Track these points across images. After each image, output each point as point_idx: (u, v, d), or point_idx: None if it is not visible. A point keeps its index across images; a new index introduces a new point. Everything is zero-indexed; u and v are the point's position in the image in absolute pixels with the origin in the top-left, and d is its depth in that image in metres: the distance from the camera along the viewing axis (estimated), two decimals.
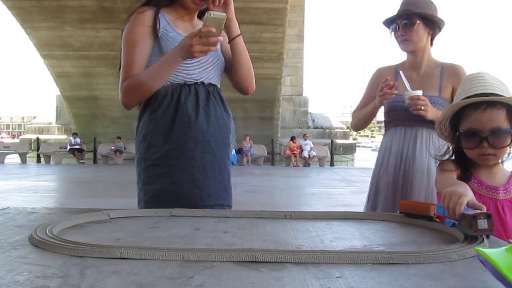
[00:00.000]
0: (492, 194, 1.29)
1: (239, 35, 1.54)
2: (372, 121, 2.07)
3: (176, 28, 1.53)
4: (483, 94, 1.28)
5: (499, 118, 1.25)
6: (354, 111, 2.07)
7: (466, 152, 1.33)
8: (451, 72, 1.93)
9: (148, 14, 1.49)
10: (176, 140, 1.46)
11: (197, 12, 1.62)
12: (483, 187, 1.31)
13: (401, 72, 1.87)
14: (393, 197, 1.84)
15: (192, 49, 1.33)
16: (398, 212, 1.13)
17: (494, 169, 1.34)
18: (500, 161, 1.35)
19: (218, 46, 1.39)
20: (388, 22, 1.95)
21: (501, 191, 1.30)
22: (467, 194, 0.99)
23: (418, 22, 1.87)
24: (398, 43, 1.94)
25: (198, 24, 1.65)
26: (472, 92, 1.29)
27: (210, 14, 1.30)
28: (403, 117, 1.88)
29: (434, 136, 1.88)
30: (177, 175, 1.45)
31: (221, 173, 1.53)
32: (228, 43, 1.56)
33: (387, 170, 1.89)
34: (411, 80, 1.88)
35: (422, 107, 1.76)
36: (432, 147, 1.86)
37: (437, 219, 1.02)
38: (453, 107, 1.33)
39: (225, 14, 1.32)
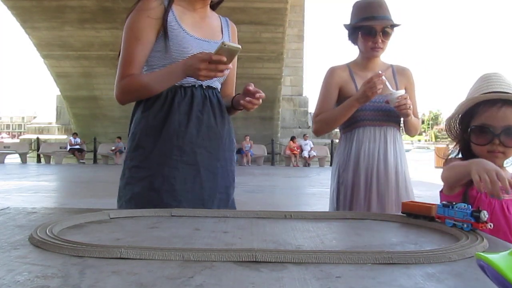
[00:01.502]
0: None
1: (241, 109, 1.55)
2: None
3: (183, 23, 1.44)
4: (500, 92, 1.29)
5: None
6: (317, 115, 1.95)
7: (474, 148, 1.34)
8: (401, 73, 1.96)
9: (155, 5, 1.40)
10: (163, 145, 1.41)
11: (210, 2, 1.52)
12: None
13: (386, 80, 1.86)
14: (368, 199, 1.82)
15: (198, 72, 1.29)
16: (400, 212, 1.13)
17: None
18: (504, 165, 1.36)
19: (226, 72, 1.34)
20: (357, 27, 1.86)
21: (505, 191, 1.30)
22: (497, 167, 1.01)
23: (392, 30, 1.86)
24: (369, 49, 1.86)
25: (211, 16, 1.55)
26: (490, 90, 1.30)
27: (225, 45, 1.24)
28: (371, 117, 1.86)
29: (398, 135, 1.92)
30: (157, 182, 1.40)
31: (202, 186, 1.44)
32: (232, 106, 1.55)
33: (357, 171, 1.84)
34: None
35: (411, 106, 1.77)
36: (399, 146, 1.88)
37: (438, 220, 1.02)
38: (468, 102, 1.33)
39: (240, 47, 1.27)
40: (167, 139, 1.41)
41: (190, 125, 1.41)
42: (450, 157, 1.40)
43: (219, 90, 1.55)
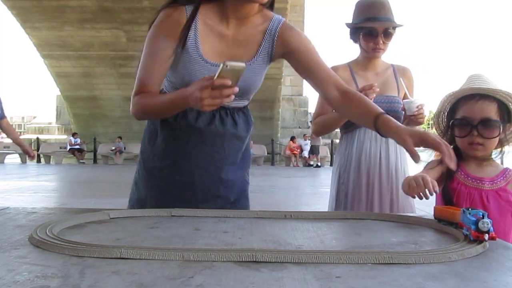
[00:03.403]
0: (477, 184, 1.35)
1: (382, 113, 1.19)
2: None
3: (204, 42, 1.24)
4: (479, 89, 1.37)
5: (490, 110, 1.34)
6: (315, 117, 1.94)
7: (457, 142, 1.40)
8: (402, 73, 1.96)
9: (175, 20, 1.22)
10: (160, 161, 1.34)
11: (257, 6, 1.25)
12: (469, 178, 1.37)
13: (401, 79, 1.87)
14: (370, 199, 1.83)
15: (202, 102, 1.08)
16: (434, 218, 1.07)
17: (483, 163, 1.39)
18: (495, 156, 1.41)
19: (233, 97, 1.10)
20: (359, 27, 1.85)
21: (487, 182, 1.35)
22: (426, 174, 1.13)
23: (394, 31, 1.86)
24: (370, 49, 1.85)
25: (250, 26, 1.29)
26: (469, 86, 1.39)
27: (226, 66, 1.02)
28: None
29: None
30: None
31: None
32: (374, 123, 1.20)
33: (359, 172, 1.85)
34: (368, 80, 1.85)
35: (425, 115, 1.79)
36: (399, 146, 1.88)
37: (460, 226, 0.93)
38: (450, 98, 1.42)
39: (244, 65, 1.04)
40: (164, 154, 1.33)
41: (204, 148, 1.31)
42: (429, 161, 1.43)
43: (245, 106, 1.38)
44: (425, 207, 1.10)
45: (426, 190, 1.10)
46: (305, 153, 16.35)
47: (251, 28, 1.29)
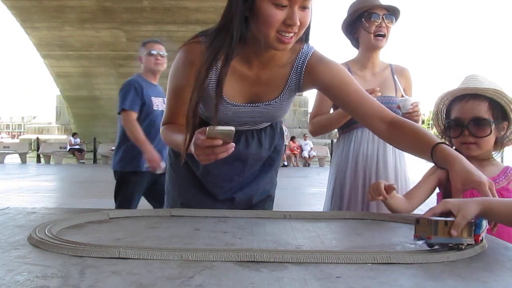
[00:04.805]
0: None
1: (439, 143, 1.07)
2: None
3: (225, 87, 1.15)
4: (465, 89, 1.39)
5: (481, 109, 1.35)
6: (313, 117, 1.93)
7: (453, 143, 1.41)
8: (400, 73, 1.95)
9: (198, 60, 1.15)
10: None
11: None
12: None
13: (396, 78, 1.87)
14: (368, 199, 1.82)
15: (197, 157, 1.06)
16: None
17: (484, 163, 1.39)
18: (496, 155, 1.41)
19: (231, 150, 1.02)
20: (358, 17, 1.85)
21: None
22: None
23: (396, 18, 1.86)
24: (373, 36, 1.84)
25: (274, 66, 1.21)
26: (462, 87, 1.41)
27: (211, 130, 0.98)
28: None
29: None
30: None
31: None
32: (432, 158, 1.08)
33: (355, 172, 1.84)
34: (366, 80, 1.85)
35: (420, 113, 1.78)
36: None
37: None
38: (443, 99, 1.44)
39: (233, 129, 0.99)
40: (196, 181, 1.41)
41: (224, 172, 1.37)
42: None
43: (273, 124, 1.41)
44: (425, 207, 1.10)
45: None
46: (305, 153, 16.34)
47: (276, 66, 1.22)
